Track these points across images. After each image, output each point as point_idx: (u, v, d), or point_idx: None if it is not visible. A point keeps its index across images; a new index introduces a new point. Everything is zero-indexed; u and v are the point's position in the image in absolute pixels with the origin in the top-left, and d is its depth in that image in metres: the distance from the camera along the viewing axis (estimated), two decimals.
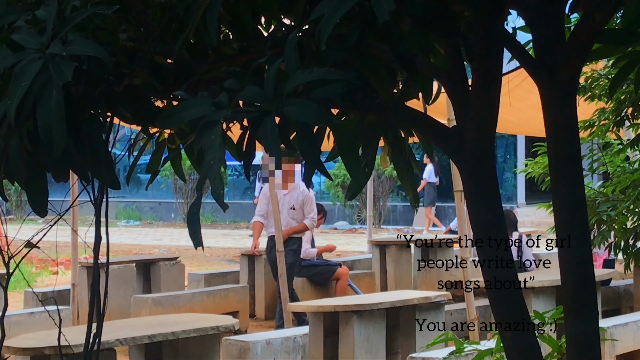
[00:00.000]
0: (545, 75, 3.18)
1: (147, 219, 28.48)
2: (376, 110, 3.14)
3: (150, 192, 27.43)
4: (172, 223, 27.42)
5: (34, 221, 19.92)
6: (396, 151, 3.45)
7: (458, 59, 3.27)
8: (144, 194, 27.25)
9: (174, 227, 26.39)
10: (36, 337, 7.11)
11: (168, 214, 28.40)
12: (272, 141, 2.52)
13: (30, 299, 10.47)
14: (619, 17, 4.14)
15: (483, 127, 3.19)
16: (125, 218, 28.18)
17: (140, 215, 28.73)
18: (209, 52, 3.11)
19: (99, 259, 3.27)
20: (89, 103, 2.88)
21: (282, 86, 2.58)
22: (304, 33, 2.87)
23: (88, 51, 2.68)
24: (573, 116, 3.23)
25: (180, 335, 7.47)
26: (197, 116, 2.62)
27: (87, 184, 3.06)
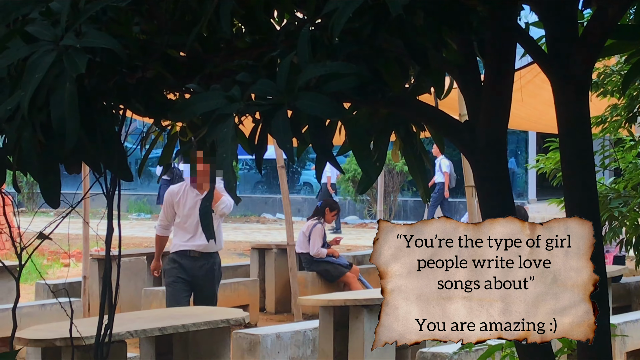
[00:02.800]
0: (557, 71, 3.17)
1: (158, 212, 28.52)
2: (388, 104, 3.14)
3: None
4: None
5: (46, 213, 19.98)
6: (408, 145, 3.45)
7: (470, 53, 3.27)
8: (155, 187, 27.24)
9: None
10: (47, 329, 7.13)
11: None
12: (285, 134, 2.53)
13: (42, 291, 10.49)
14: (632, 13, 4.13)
15: (495, 122, 3.18)
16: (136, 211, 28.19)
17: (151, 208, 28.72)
18: (221, 45, 3.11)
19: (110, 252, 3.28)
20: (102, 95, 2.88)
21: (294, 79, 2.58)
22: (317, 27, 2.87)
23: (101, 43, 2.68)
24: (585, 112, 3.23)
25: (191, 328, 7.48)
26: (209, 109, 2.63)
27: (99, 176, 3.07)
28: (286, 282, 11.75)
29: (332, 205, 12.49)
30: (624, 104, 7.06)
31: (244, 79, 2.72)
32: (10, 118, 2.69)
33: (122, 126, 3.08)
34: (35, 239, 3.40)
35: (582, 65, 3.15)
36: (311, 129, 2.65)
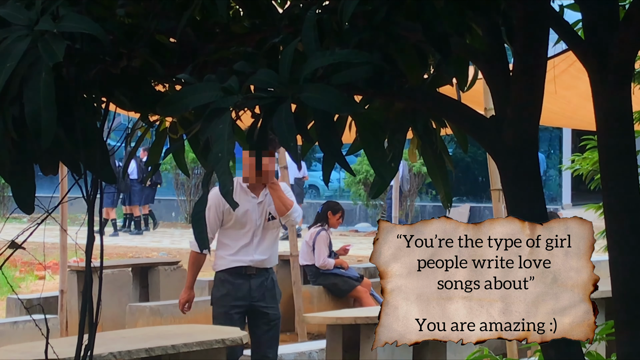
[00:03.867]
0: (595, 59, 3.17)
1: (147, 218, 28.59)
2: (404, 97, 3.14)
3: None
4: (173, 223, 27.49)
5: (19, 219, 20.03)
6: (426, 144, 3.46)
7: (498, 40, 3.27)
8: None
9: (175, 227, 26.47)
10: (20, 349, 7.15)
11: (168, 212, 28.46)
12: (288, 131, 2.53)
13: (14, 307, 10.53)
14: None
15: (525, 118, 3.19)
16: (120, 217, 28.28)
17: None
18: (217, 30, 3.12)
19: (91, 263, 3.28)
20: (82, 86, 2.89)
21: (299, 69, 2.59)
22: (324, 9, 2.88)
23: (81, 28, 2.69)
24: (627, 106, 3.23)
25: (182, 349, 7.49)
26: (203, 102, 2.63)
27: (78, 178, 3.07)
28: (289, 298, 11.75)
29: (335, 207, 12.42)
30: None
31: (242, 68, 2.73)
32: None
33: (105, 122, 3.08)
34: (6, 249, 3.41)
35: (624, 53, 3.15)
36: (318, 125, 2.66)
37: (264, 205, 7.65)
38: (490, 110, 6.96)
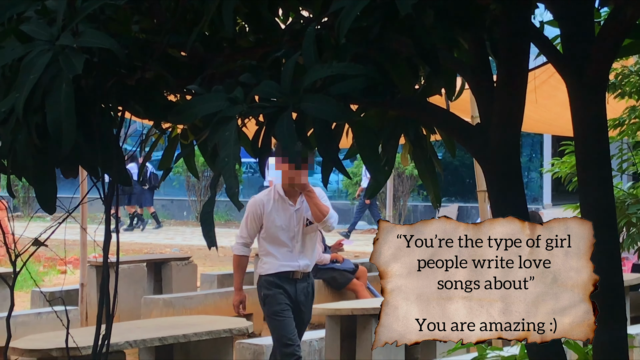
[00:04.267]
0: (573, 71, 3.17)
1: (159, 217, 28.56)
2: (397, 106, 3.14)
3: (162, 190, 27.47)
4: (184, 221, 27.45)
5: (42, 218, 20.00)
6: (417, 149, 3.45)
7: (483, 53, 3.27)
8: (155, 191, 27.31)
9: (186, 225, 26.43)
10: (43, 338, 7.14)
11: (180, 212, 28.43)
12: (289, 138, 2.53)
13: (38, 299, 10.51)
14: None
15: (508, 125, 3.18)
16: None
17: None
18: (224, 44, 3.12)
19: (108, 258, 3.28)
20: (100, 97, 2.89)
21: (299, 81, 2.58)
22: (323, 26, 2.87)
23: (99, 43, 2.69)
24: (602, 114, 3.23)
25: (192, 338, 7.49)
26: (211, 111, 2.63)
27: (97, 180, 3.07)
28: None
29: None
30: None
31: (247, 80, 2.72)
32: (5, 120, 2.69)
33: (121, 129, 3.08)
34: (31, 246, 3.41)
35: (599, 66, 3.15)
36: (317, 132, 2.65)
37: (301, 212, 7.31)
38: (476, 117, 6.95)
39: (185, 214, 28.24)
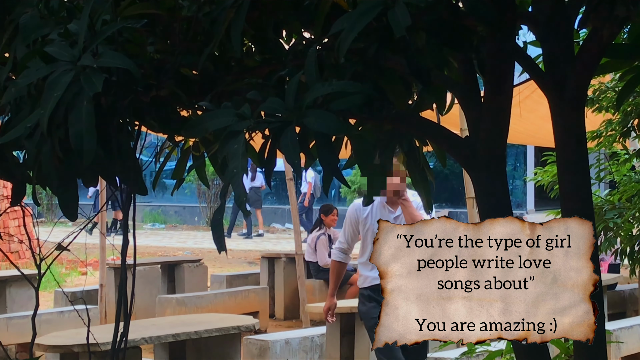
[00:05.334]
0: (554, 88, 3.17)
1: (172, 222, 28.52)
2: (392, 121, 3.14)
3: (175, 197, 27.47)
4: (195, 226, 27.43)
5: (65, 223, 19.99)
6: (411, 159, 3.45)
7: (471, 71, 3.27)
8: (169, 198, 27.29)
9: (197, 230, 26.41)
10: (65, 335, 7.14)
11: (192, 217, 28.42)
12: (293, 151, 2.53)
13: (60, 299, 10.50)
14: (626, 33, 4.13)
15: (494, 137, 3.18)
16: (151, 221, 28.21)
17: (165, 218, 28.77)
18: (232, 64, 3.12)
19: (126, 262, 3.28)
20: (118, 113, 2.89)
21: (302, 98, 2.59)
22: (324, 46, 2.87)
23: (117, 63, 2.69)
24: (581, 126, 3.22)
25: (203, 335, 7.49)
26: (221, 126, 2.63)
27: (115, 190, 3.07)
28: (295, 290, 11.73)
29: (326, 209, 12.30)
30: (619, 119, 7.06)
31: (254, 97, 2.73)
32: (30, 135, 2.70)
33: (137, 142, 3.08)
34: (55, 250, 3.41)
35: (578, 83, 3.14)
36: (318, 144, 2.65)
37: (400, 220, 6.57)
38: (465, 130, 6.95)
39: (197, 219, 28.23)
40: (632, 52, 3.40)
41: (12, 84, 2.76)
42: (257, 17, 2.96)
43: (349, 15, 2.64)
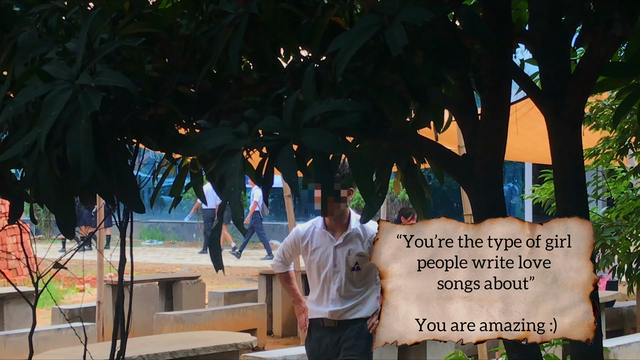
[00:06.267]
0: (551, 105, 3.18)
1: (170, 239, 28.49)
2: (390, 139, 3.14)
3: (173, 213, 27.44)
4: (193, 243, 27.41)
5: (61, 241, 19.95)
6: (408, 177, 3.46)
7: (468, 89, 3.28)
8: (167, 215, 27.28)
9: (195, 246, 26.38)
10: (63, 353, 7.13)
11: (190, 234, 28.40)
12: (290, 169, 2.53)
13: (58, 316, 10.48)
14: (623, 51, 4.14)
15: (492, 154, 3.18)
16: (149, 238, 28.19)
17: (163, 235, 28.75)
18: (230, 82, 3.13)
19: (123, 279, 3.27)
20: (116, 131, 2.89)
21: (300, 116, 2.59)
22: (321, 65, 2.88)
23: (115, 82, 2.69)
24: (578, 144, 3.23)
25: (201, 352, 7.48)
26: (218, 144, 2.63)
27: (112, 208, 3.07)
28: (293, 307, 11.70)
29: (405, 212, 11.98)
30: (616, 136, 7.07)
31: (251, 115, 2.73)
32: (28, 153, 2.69)
33: (135, 161, 3.08)
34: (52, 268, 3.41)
35: (575, 101, 3.15)
36: (315, 162, 2.65)
37: (343, 250, 5.78)
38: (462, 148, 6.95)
39: (195, 236, 28.20)
40: (628, 70, 3.41)
41: (10, 103, 2.76)
42: (255, 35, 2.97)
43: (346, 34, 2.65)
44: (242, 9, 2.83)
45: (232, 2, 2.88)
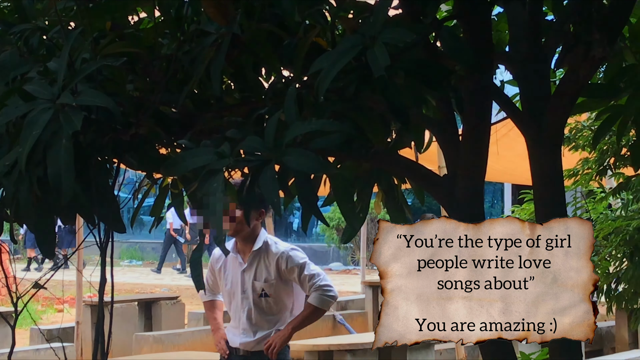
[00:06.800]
0: (531, 126, 3.19)
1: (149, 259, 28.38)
2: (371, 159, 3.15)
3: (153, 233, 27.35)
4: (173, 263, 27.31)
5: None
6: (389, 197, 3.46)
7: (449, 110, 3.29)
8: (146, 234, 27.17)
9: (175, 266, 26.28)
10: None
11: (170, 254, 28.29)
12: (272, 190, 2.52)
13: (36, 336, 10.39)
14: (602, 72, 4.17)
15: (472, 175, 3.20)
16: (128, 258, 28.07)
17: (142, 255, 28.63)
18: (212, 102, 3.12)
19: (103, 300, 3.25)
20: (97, 150, 2.88)
21: (281, 136, 2.59)
22: (303, 85, 2.88)
23: (96, 101, 2.69)
24: (558, 165, 3.25)
25: None
26: (200, 164, 2.63)
27: (93, 228, 3.06)
28: None
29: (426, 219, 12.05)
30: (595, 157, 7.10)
31: (233, 135, 2.73)
32: (8, 173, 2.68)
33: (116, 181, 3.07)
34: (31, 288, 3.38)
35: (555, 122, 3.17)
36: (297, 182, 2.65)
37: (249, 274, 5.37)
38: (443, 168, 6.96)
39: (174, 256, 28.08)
40: (608, 91, 3.44)
41: None
42: (237, 55, 2.97)
43: (328, 54, 2.66)
44: (224, 29, 2.83)
45: (213, 22, 2.89)
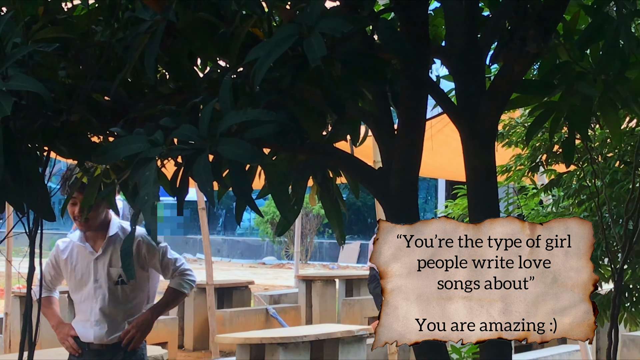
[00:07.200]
0: (466, 121, 3.21)
1: None
2: (306, 151, 3.14)
3: None
4: None
5: None
6: (324, 190, 3.46)
7: (385, 104, 3.30)
8: None
9: None
10: None
11: None
12: (205, 179, 2.50)
13: None
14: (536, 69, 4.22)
15: (407, 169, 3.20)
16: None
17: None
18: (145, 90, 3.09)
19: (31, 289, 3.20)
20: (27, 137, 2.83)
21: (216, 125, 2.57)
22: (239, 75, 2.86)
23: (27, 87, 2.64)
24: (491, 161, 3.27)
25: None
26: (132, 152, 2.59)
27: (22, 216, 3.00)
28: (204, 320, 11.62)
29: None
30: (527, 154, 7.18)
31: (167, 123, 2.70)
32: None
33: (46, 168, 3.02)
34: None
35: (489, 117, 3.19)
36: (231, 173, 2.63)
37: (103, 262, 5.11)
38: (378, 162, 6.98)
39: None
40: (541, 88, 3.47)
41: None
42: (172, 44, 2.94)
43: (264, 44, 2.64)
44: (159, 17, 2.80)
45: (148, 9, 2.85)
